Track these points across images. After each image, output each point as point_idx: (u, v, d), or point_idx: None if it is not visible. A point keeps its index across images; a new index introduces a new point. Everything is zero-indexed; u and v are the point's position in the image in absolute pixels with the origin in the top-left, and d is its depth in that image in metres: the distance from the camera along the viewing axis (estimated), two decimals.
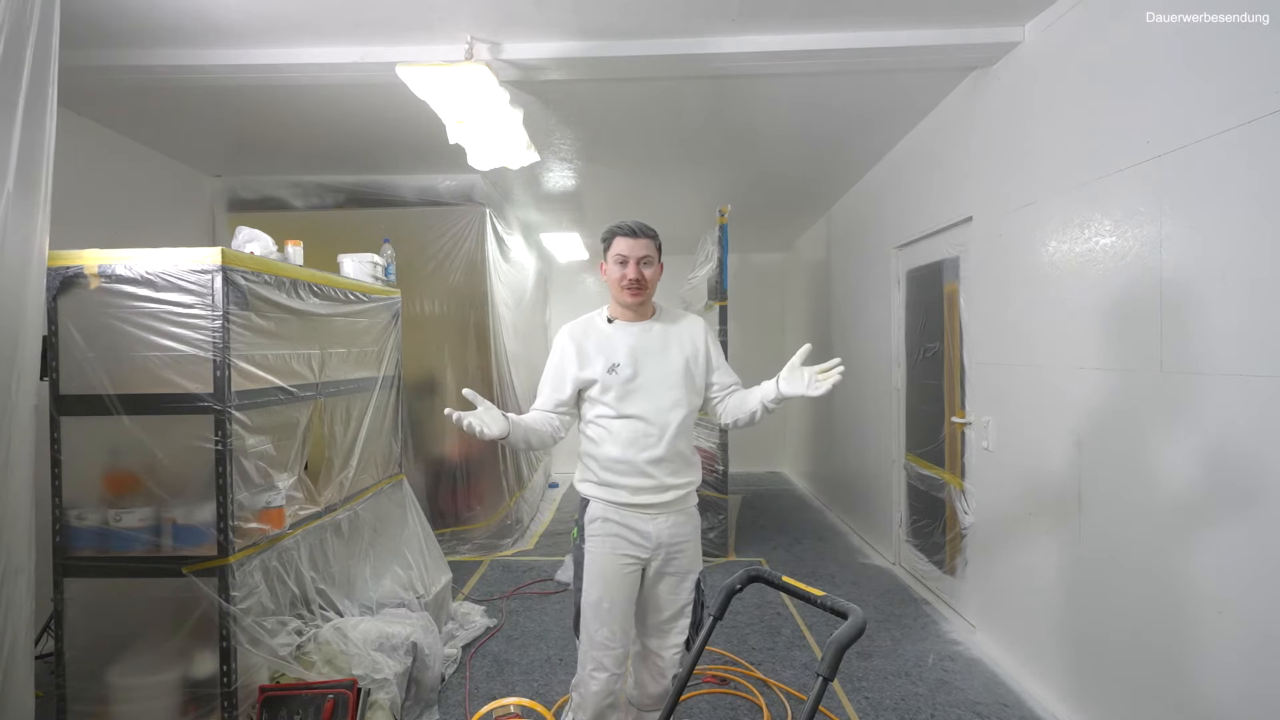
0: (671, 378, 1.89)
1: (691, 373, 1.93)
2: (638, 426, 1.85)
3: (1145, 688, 2.05)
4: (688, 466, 1.91)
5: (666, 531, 1.87)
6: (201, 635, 2.02)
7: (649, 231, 1.91)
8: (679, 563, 1.90)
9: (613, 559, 1.87)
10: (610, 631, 1.86)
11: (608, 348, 1.90)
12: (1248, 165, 1.70)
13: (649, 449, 1.84)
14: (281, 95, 3.17)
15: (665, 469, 1.86)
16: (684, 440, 1.90)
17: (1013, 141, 2.76)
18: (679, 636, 1.92)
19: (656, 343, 1.92)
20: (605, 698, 1.87)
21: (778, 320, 7.78)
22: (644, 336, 1.92)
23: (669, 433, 1.85)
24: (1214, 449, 1.80)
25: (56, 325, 2.01)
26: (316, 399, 2.53)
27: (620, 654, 1.87)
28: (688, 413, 1.90)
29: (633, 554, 1.87)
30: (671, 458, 1.86)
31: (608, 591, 1.86)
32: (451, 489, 4.63)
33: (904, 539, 4.02)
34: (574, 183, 4.77)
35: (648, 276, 1.89)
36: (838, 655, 1.25)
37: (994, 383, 2.93)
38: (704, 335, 1.99)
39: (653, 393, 1.87)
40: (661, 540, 1.87)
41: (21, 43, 1.76)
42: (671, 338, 1.94)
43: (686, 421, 1.90)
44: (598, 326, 1.96)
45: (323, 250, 3.00)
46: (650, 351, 1.90)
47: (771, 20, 2.58)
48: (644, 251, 1.88)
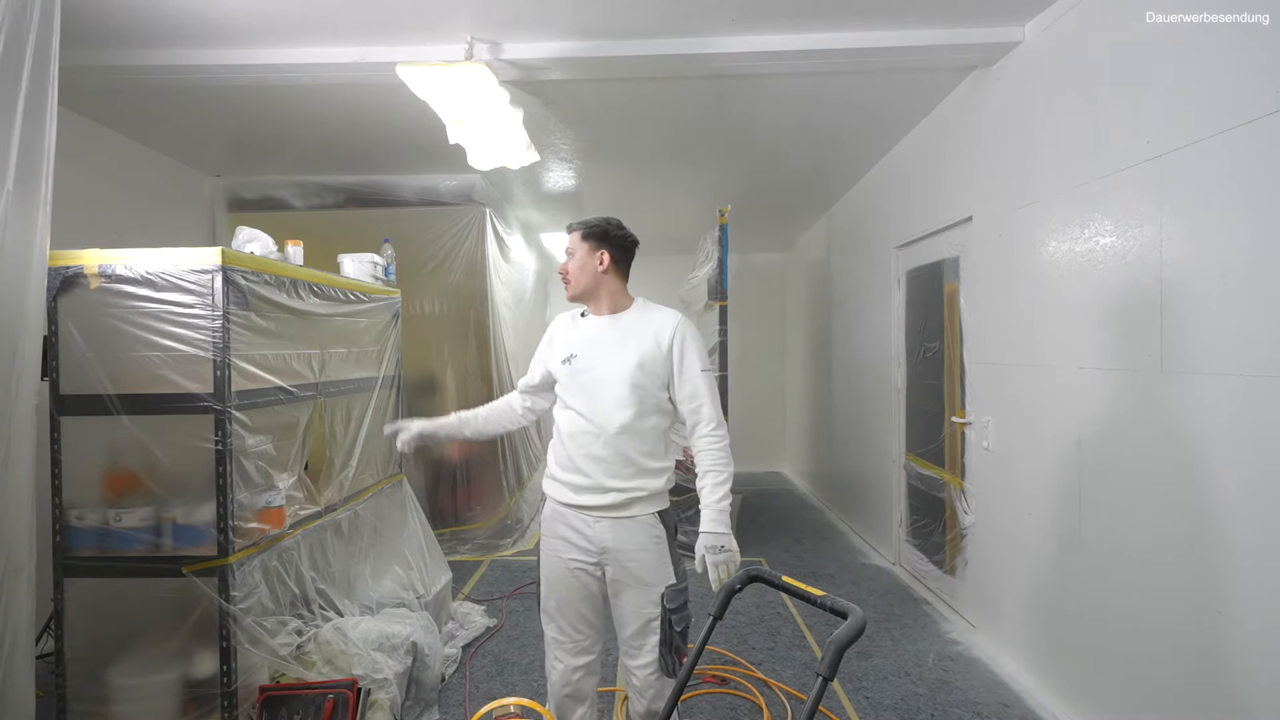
0: (618, 374, 1.77)
1: (648, 373, 1.77)
2: (578, 422, 1.81)
3: (1146, 687, 2.05)
4: (638, 472, 1.78)
5: (610, 536, 1.78)
6: (201, 635, 2.02)
7: (576, 226, 1.89)
8: (633, 571, 1.78)
9: (557, 561, 1.85)
10: (558, 627, 1.85)
11: (573, 338, 1.89)
12: (1248, 165, 1.70)
13: (587, 446, 1.78)
14: (281, 95, 3.17)
15: (603, 469, 1.77)
16: (634, 444, 1.77)
17: (1013, 141, 2.76)
18: (648, 655, 1.78)
19: (616, 338, 1.83)
20: (563, 687, 1.86)
21: (778, 320, 7.78)
22: (606, 330, 1.85)
23: (609, 432, 1.76)
24: (1214, 449, 1.80)
25: (56, 325, 2.01)
26: (316, 399, 2.53)
27: (573, 648, 1.84)
28: (635, 414, 1.76)
29: (578, 557, 1.82)
30: (613, 459, 1.76)
31: (552, 591, 1.86)
32: (451, 489, 4.64)
33: (904, 539, 4.02)
34: (574, 183, 4.77)
35: (570, 268, 1.87)
36: (838, 655, 1.25)
37: (994, 383, 2.93)
38: (672, 335, 1.79)
39: (597, 389, 1.79)
40: (606, 545, 1.78)
41: (21, 42, 1.76)
42: (633, 333, 1.82)
43: (637, 425, 1.77)
44: (575, 318, 1.94)
45: (323, 250, 3.00)
46: (606, 346, 1.82)
47: (771, 20, 2.58)
48: (568, 245, 1.89)
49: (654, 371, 1.78)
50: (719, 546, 1.72)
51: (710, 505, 1.75)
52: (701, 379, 1.80)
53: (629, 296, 1.91)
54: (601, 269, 1.85)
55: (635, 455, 1.78)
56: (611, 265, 1.86)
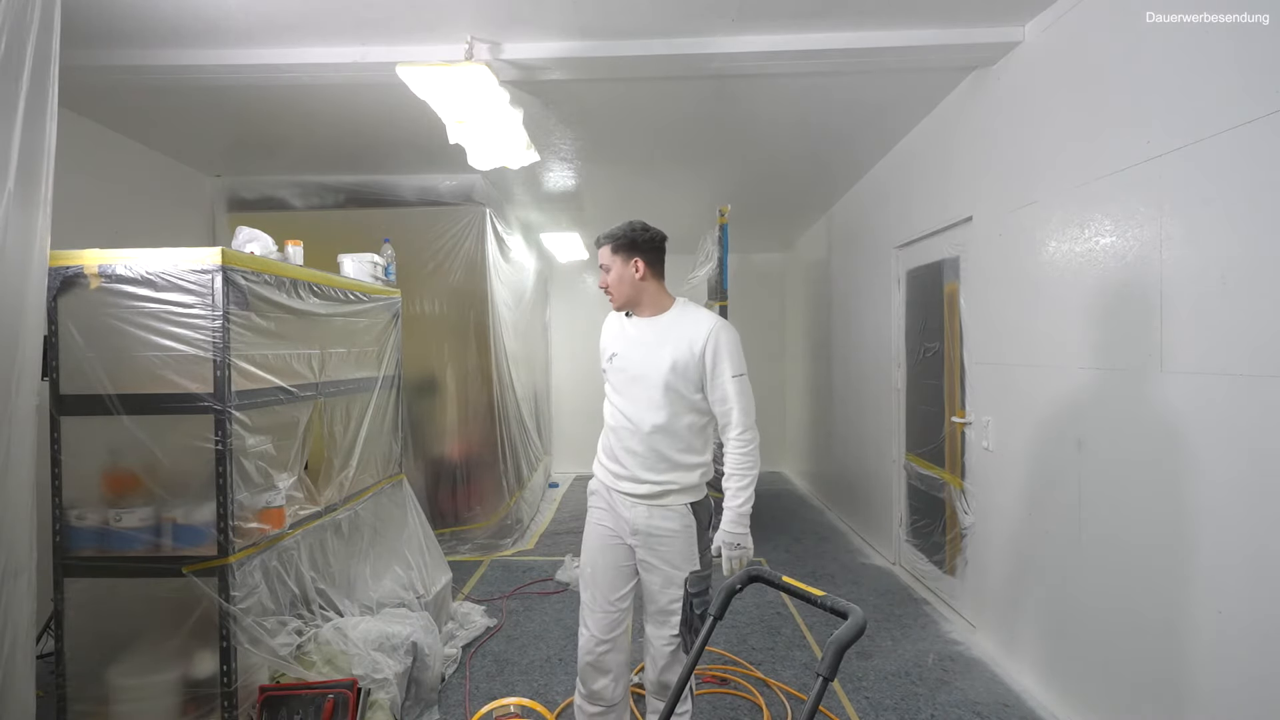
0: (652, 377, 1.88)
1: (681, 375, 1.86)
2: (618, 417, 1.96)
3: (1146, 687, 2.05)
4: (672, 466, 1.91)
5: (643, 521, 1.92)
6: (201, 635, 2.02)
7: (603, 238, 1.98)
8: (662, 554, 1.93)
9: (597, 529, 2.02)
10: (591, 595, 2.00)
11: (618, 337, 2.01)
12: (1248, 165, 1.70)
13: (625, 440, 1.93)
14: (281, 95, 3.17)
15: (639, 462, 1.91)
16: (669, 443, 1.89)
17: (1013, 141, 2.76)
18: (670, 630, 1.95)
19: (654, 338, 1.93)
20: (586, 655, 1.98)
21: (778, 320, 7.78)
22: (646, 331, 1.96)
23: (644, 431, 1.89)
24: (1215, 449, 1.80)
25: (57, 325, 2.02)
26: (316, 399, 2.53)
27: (602, 619, 1.96)
28: (669, 415, 1.87)
29: (613, 529, 1.98)
30: (647, 454, 1.90)
31: (590, 559, 2.02)
32: (451, 489, 4.64)
33: (904, 539, 4.02)
34: (574, 183, 4.77)
35: (610, 281, 1.97)
36: (838, 655, 1.25)
37: (994, 382, 2.93)
38: (706, 340, 1.86)
39: (633, 389, 1.93)
40: (638, 527, 1.93)
41: (22, 43, 1.76)
42: (670, 335, 1.90)
43: (672, 425, 1.88)
44: (622, 317, 2.05)
45: (323, 250, 3.00)
46: (645, 346, 1.93)
47: (771, 20, 2.58)
48: (601, 260, 1.99)
49: (687, 375, 1.87)
50: (735, 544, 1.87)
51: (732, 508, 1.88)
52: (732, 384, 1.87)
53: (669, 296, 2.00)
54: (639, 276, 1.94)
55: (669, 451, 1.90)
56: (647, 270, 1.95)
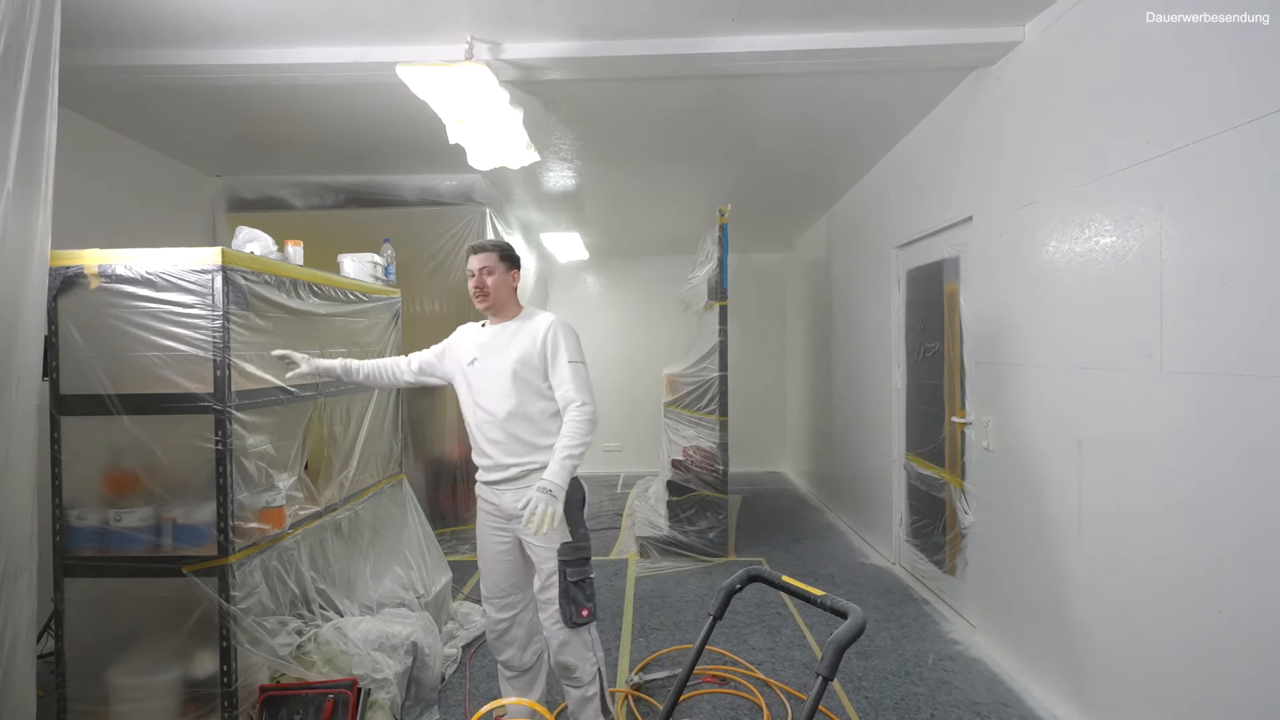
0: (502, 371, 2.13)
1: (527, 366, 2.12)
2: (480, 413, 2.16)
3: (1146, 687, 2.05)
4: (531, 450, 2.11)
5: (509, 500, 2.13)
6: (201, 635, 2.03)
7: (488, 246, 2.20)
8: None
9: (482, 529, 2.24)
10: (487, 587, 2.25)
11: (476, 345, 2.23)
12: (1248, 165, 1.70)
13: (486, 431, 2.14)
14: (281, 95, 3.17)
15: (500, 450, 2.13)
16: (524, 428, 2.12)
17: (1013, 141, 2.76)
18: (551, 607, 2.08)
19: (504, 341, 2.18)
20: (490, 632, 2.27)
21: (778, 320, 7.78)
22: (497, 336, 2.20)
23: (499, 417, 2.11)
24: (1215, 449, 1.80)
25: (57, 325, 2.02)
26: (316, 399, 2.53)
27: (497, 602, 2.22)
28: (519, 402, 2.11)
29: (494, 524, 2.20)
30: (506, 440, 2.12)
31: (481, 548, 2.25)
32: (451, 489, 4.64)
33: (904, 539, 4.02)
34: (574, 183, 4.77)
35: (490, 284, 2.17)
36: (838, 655, 1.25)
37: (994, 382, 2.93)
38: (546, 334, 2.14)
39: (489, 384, 2.15)
40: (511, 511, 2.13)
41: (21, 42, 1.76)
42: (519, 335, 2.17)
43: (524, 409, 2.11)
44: (478, 328, 2.29)
45: (323, 250, 3.00)
46: (496, 349, 2.18)
47: (771, 20, 2.58)
48: (483, 263, 2.17)
49: (532, 364, 2.13)
50: (547, 491, 1.95)
51: (558, 459, 2.01)
52: (568, 369, 2.13)
53: (519, 304, 2.27)
54: (514, 284, 2.24)
55: (526, 435, 2.12)
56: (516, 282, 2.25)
